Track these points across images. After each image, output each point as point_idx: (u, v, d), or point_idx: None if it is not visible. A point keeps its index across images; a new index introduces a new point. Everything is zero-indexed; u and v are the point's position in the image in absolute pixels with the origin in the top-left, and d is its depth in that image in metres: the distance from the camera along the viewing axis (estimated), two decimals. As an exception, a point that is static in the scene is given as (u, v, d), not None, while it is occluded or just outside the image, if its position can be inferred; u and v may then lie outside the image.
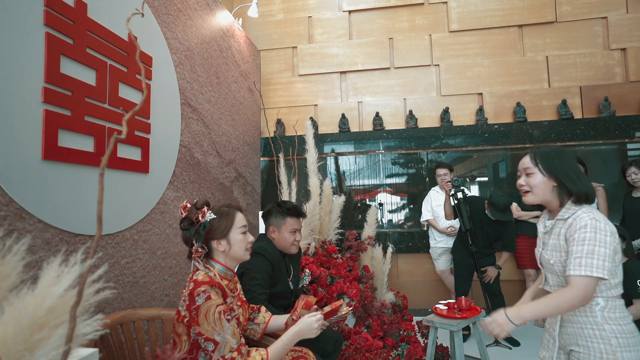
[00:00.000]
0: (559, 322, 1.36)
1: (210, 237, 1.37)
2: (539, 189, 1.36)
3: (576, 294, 1.19)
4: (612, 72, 4.12)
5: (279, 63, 4.75)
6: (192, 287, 1.26)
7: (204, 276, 1.30)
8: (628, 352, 1.20)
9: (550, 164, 1.35)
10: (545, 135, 4.02)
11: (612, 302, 1.27)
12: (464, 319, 2.26)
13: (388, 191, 4.34)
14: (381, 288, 3.35)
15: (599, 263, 1.19)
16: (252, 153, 4.04)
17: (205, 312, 1.22)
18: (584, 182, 1.32)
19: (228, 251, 1.39)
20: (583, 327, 1.28)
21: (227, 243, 1.39)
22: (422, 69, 4.49)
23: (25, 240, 0.70)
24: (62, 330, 0.61)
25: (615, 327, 1.24)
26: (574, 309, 1.25)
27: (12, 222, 1.34)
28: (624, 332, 1.23)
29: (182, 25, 2.63)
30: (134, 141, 2.02)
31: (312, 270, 2.61)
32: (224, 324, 1.24)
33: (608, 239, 1.22)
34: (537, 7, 4.29)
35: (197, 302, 1.23)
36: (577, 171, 1.34)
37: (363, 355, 2.26)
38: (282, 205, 2.04)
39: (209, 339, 1.21)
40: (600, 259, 1.19)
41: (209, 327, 1.21)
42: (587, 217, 1.26)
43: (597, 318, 1.26)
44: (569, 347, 1.32)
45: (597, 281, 1.21)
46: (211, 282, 1.28)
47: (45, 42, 1.49)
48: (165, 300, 2.25)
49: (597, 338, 1.24)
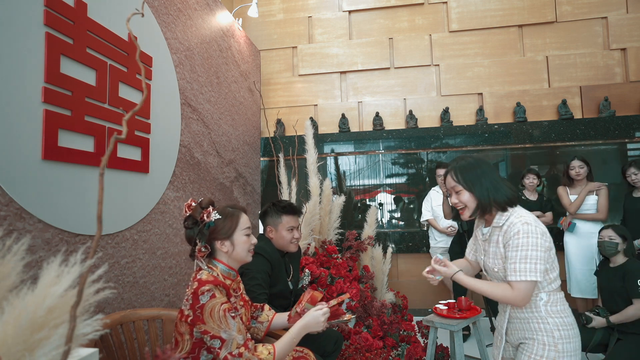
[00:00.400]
0: (506, 320, 1.43)
1: (213, 237, 1.37)
2: (471, 203, 1.41)
3: (517, 296, 1.29)
4: (612, 72, 4.12)
5: (279, 63, 4.75)
6: (196, 286, 1.26)
7: (207, 275, 1.30)
8: (568, 344, 1.29)
9: (469, 178, 1.41)
10: (545, 135, 4.02)
11: (554, 296, 1.35)
12: (464, 319, 2.26)
13: (388, 191, 4.34)
14: (381, 288, 3.35)
15: (532, 267, 1.27)
16: (252, 153, 4.04)
17: (210, 310, 1.22)
18: (501, 190, 1.37)
19: (231, 252, 1.39)
20: (529, 322, 1.35)
21: (231, 244, 1.38)
22: (422, 69, 4.49)
23: (25, 240, 0.70)
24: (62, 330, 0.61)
25: (558, 320, 1.31)
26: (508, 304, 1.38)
27: (12, 222, 1.34)
28: (565, 324, 1.31)
29: (182, 25, 2.63)
30: (134, 141, 2.02)
31: (312, 270, 2.61)
32: (229, 321, 1.23)
33: (539, 240, 1.29)
34: (537, 7, 4.28)
35: (202, 300, 1.22)
36: (494, 179, 1.39)
37: (363, 355, 2.26)
38: (277, 204, 2.05)
39: (215, 337, 1.21)
40: (533, 262, 1.27)
41: (215, 325, 1.21)
42: (519, 223, 1.32)
43: (542, 312, 1.33)
44: (518, 342, 1.40)
45: (534, 283, 1.29)
46: (215, 282, 1.28)
47: (45, 42, 1.49)
48: (165, 300, 2.25)
49: (542, 331, 1.32)
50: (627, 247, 2.48)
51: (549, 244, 1.33)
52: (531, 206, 3.41)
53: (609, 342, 2.38)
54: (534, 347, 1.32)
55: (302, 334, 1.38)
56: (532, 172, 3.43)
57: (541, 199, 3.46)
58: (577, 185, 3.25)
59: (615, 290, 2.41)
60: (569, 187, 3.30)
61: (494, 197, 1.37)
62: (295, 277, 2.13)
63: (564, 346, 1.28)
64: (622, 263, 2.46)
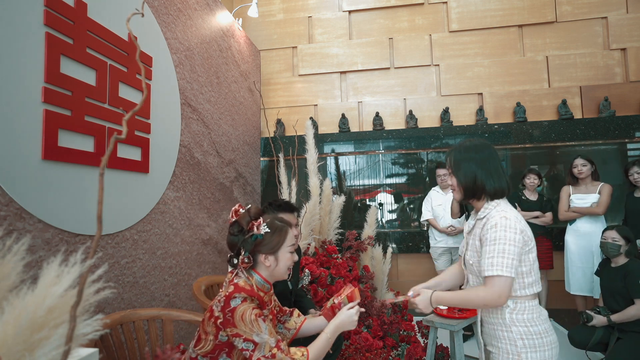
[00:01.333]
0: (479, 322, 1.40)
1: (258, 249, 1.31)
2: (459, 186, 1.39)
3: (490, 293, 1.21)
4: (612, 72, 4.12)
5: (279, 63, 4.75)
6: (231, 290, 1.23)
7: (244, 283, 1.27)
8: (533, 353, 1.23)
9: (456, 161, 1.39)
10: (545, 135, 4.02)
11: (522, 304, 1.28)
12: (464, 319, 2.26)
13: (388, 191, 4.34)
14: (381, 288, 3.35)
15: (508, 262, 1.20)
16: (252, 153, 4.04)
17: (241, 314, 1.20)
18: (492, 177, 1.34)
19: (273, 268, 1.33)
20: (495, 328, 1.32)
21: (275, 260, 1.33)
22: (422, 69, 4.49)
23: (25, 240, 0.70)
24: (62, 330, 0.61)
25: (522, 329, 1.25)
26: (487, 307, 1.29)
27: (12, 222, 1.34)
28: (531, 333, 1.25)
29: (182, 25, 2.63)
30: (134, 141, 2.02)
31: (312, 270, 2.61)
32: (261, 324, 1.22)
33: (516, 236, 1.23)
34: (537, 7, 4.28)
35: (232, 304, 1.21)
36: (487, 166, 1.35)
37: (363, 355, 2.26)
38: (274, 203, 2.05)
39: (248, 340, 1.19)
40: (510, 257, 1.20)
41: (247, 329, 1.19)
42: (498, 216, 1.26)
43: (506, 320, 1.28)
44: (487, 347, 1.38)
45: (510, 280, 1.22)
46: (251, 292, 1.25)
47: (45, 42, 1.49)
48: (165, 300, 2.25)
49: (505, 339, 1.28)
50: (629, 248, 2.48)
51: (526, 243, 1.27)
52: (531, 206, 3.41)
53: (609, 340, 2.39)
54: (499, 357, 1.29)
55: (337, 333, 1.36)
56: (533, 172, 3.43)
57: (541, 199, 3.46)
58: (581, 184, 3.25)
59: (617, 290, 2.41)
60: (573, 186, 3.29)
61: (482, 182, 1.33)
62: (295, 277, 2.13)
63: (528, 355, 1.24)
64: (624, 263, 2.46)
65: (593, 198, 3.17)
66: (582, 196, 3.22)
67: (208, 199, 2.89)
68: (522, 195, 3.48)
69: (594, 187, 3.20)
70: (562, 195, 3.32)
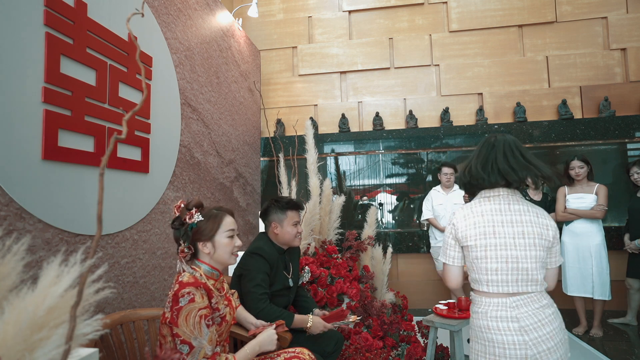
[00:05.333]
0: None
1: (196, 238, 1.38)
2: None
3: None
4: (612, 72, 4.12)
5: (279, 63, 4.75)
6: (176, 288, 1.26)
7: (189, 277, 1.30)
8: (476, 344, 1.35)
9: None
10: (545, 135, 4.02)
11: (475, 297, 1.40)
12: (464, 319, 2.26)
13: (388, 191, 4.34)
14: (381, 288, 3.34)
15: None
16: (252, 153, 4.04)
17: (186, 315, 1.22)
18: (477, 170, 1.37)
19: (213, 254, 1.40)
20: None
21: (212, 246, 1.39)
22: (422, 69, 4.49)
23: (25, 240, 0.70)
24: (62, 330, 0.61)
25: (474, 320, 1.37)
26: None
27: (12, 222, 1.34)
28: (474, 325, 1.36)
29: (182, 25, 2.63)
30: (134, 141, 2.02)
31: (312, 270, 2.61)
32: (203, 328, 1.23)
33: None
34: (537, 7, 4.28)
35: (180, 303, 1.23)
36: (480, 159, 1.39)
37: (363, 355, 2.26)
38: (280, 201, 2.06)
39: (185, 342, 1.21)
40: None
41: (187, 330, 1.21)
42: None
43: (471, 310, 1.41)
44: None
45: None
46: (196, 283, 1.28)
47: (45, 42, 1.49)
48: (165, 300, 2.25)
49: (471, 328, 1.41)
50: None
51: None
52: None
53: None
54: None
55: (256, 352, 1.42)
56: None
57: (545, 199, 3.45)
58: (577, 185, 3.25)
59: None
60: (569, 187, 3.30)
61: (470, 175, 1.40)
62: (295, 274, 2.13)
63: (473, 344, 1.36)
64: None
65: (589, 198, 3.18)
66: (579, 196, 3.22)
67: (208, 199, 2.89)
68: (526, 195, 3.47)
69: (589, 188, 3.21)
70: (559, 196, 3.32)
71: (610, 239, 3.62)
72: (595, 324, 3.20)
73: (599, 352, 2.84)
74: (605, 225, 3.39)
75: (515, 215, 1.31)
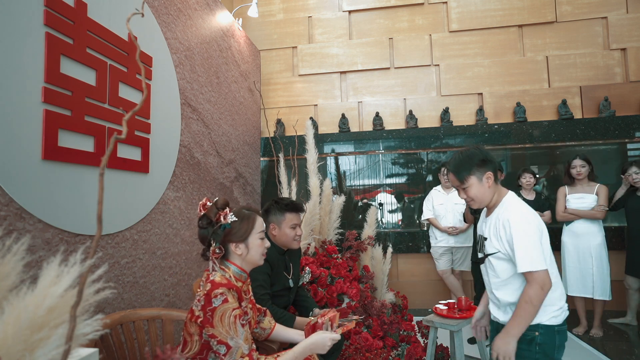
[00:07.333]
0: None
1: (228, 239, 1.34)
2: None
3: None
4: (612, 72, 4.12)
5: (279, 63, 4.75)
6: (209, 287, 1.24)
7: (221, 277, 1.28)
8: None
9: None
10: (545, 135, 4.02)
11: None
12: (464, 319, 2.26)
13: (388, 191, 4.34)
14: (381, 288, 3.34)
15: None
16: (252, 153, 4.04)
17: (221, 315, 1.20)
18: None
19: (245, 255, 1.37)
20: None
21: (246, 247, 1.36)
22: (422, 69, 4.49)
23: (25, 240, 0.70)
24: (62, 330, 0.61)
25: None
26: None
27: (12, 222, 1.34)
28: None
29: (182, 25, 2.63)
30: (134, 141, 2.02)
31: (312, 270, 2.61)
32: (239, 328, 1.22)
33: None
34: (537, 7, 4.28)
35: (214, 303, 1.21)
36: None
37: (363, 355, 2.26)
38: (280, 202, 2.04)
39: (222, 342, 1.19)
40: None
41: (223, 330, 1.19)
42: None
43: None
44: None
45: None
46: (229, 285, 1.26)
47: (45, 42, 1.49)
48: (165, 300, 2.25)
49: None
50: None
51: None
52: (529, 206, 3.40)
53: None
54: None
55: (307, 353, 1.35)
56: (528, 171, 3.42)
57: (538, 198, 3.45)
58: (577, 184, 3.25)
59: None
60: (570, 186, 3.29)
61: None
62: (295, 275, 2.13)
63: None
64: None
65: (590, 198, 3.17)
66: (579, 196, 3.22)
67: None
68: (520, 195, 3.47)
69: (590, 188, 3.21)
70: (559, 196, 3.32)
71: (610, 239, 3.61)
72: (596, 324, 3.20)
73: (599, 352, 2.84)
74: (605, 225, 3.38)
75: None
